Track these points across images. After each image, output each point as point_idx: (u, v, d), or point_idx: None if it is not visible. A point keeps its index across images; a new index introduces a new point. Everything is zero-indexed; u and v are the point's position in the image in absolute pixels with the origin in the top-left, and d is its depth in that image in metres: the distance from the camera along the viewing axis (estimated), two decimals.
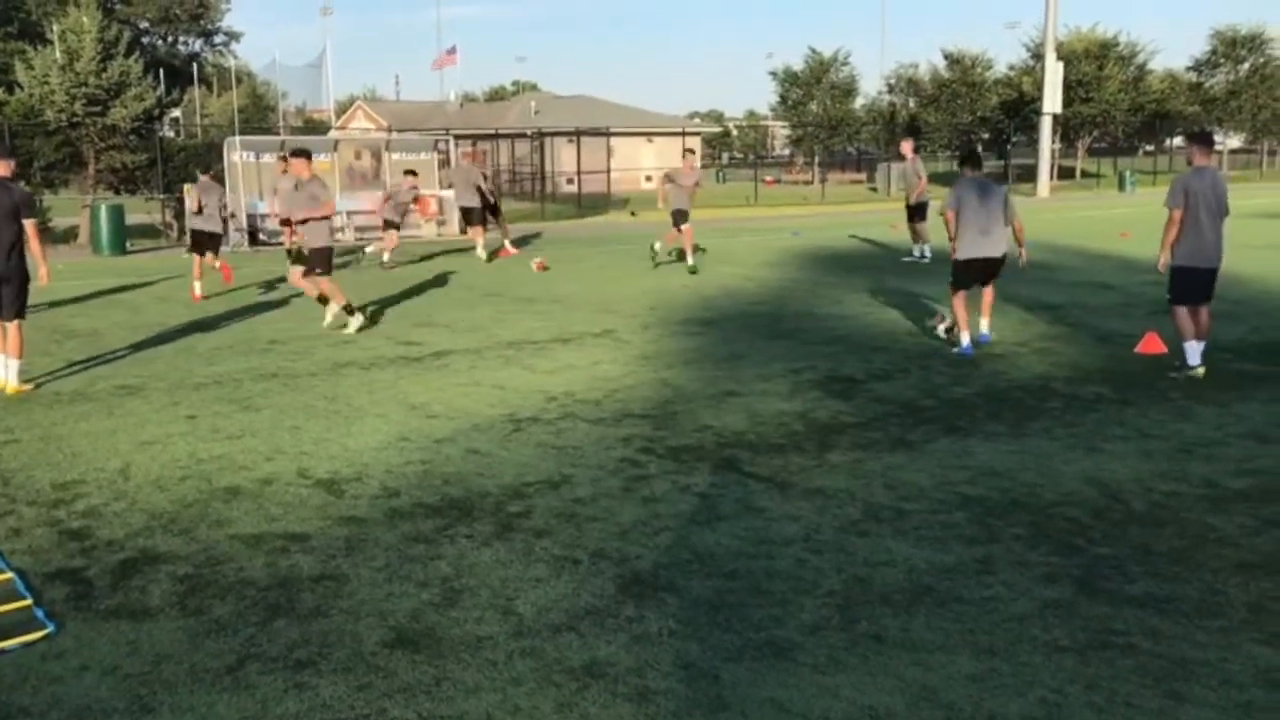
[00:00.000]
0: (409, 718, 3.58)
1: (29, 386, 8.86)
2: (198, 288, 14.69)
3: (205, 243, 15.34)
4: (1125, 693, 3.67)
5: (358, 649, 4.08)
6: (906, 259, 17.86)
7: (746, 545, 5.09)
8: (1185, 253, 8.51)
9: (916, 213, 17.91)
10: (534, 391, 8.40)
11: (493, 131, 43.92)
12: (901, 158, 20.23)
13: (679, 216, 16.88)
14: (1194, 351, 8.56)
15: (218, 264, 15.92)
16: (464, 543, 5.16)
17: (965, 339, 9.70)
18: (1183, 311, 8.58)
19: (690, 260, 16.92)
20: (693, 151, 18.20)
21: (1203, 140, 8.76)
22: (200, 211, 15.34)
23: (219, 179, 17.30)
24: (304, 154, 11.65)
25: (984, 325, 9.76)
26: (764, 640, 4.10)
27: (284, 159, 19.61)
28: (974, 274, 9.75)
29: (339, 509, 5.68)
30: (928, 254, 17.58)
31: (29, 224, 8.63)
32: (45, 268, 8.95)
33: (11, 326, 8.75)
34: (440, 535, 5.27)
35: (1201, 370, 8.53)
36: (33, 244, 8.70)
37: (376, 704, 3.67)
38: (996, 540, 5.11)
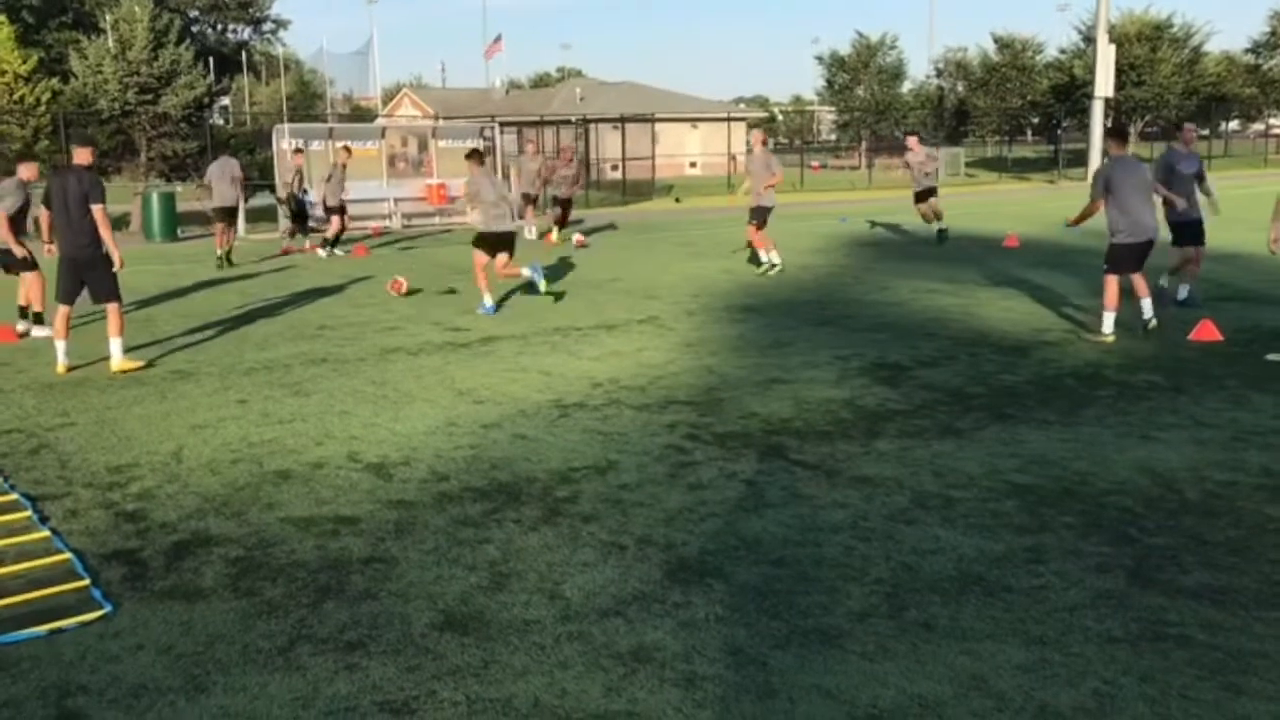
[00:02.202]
0: (458, 700, 3.61)
1: (140, 364, 9.05)
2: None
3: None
4: (1180, 685, 3.62)
5: (407, 631, 4.11)
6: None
7: (793, 532, 5.07)
8: (1125, 230, 9.44)
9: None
10: (579, 377, 8.42)
11: (538, 118, 43.98)
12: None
13: (1187, 233, 11.08)
14: (1110, 320, 9.50)
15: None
16: (512, 527, 5.19)
17: (489, 299, 11.82)
18: (1115, 281, 9.52)
19: (1170, 285, 11.48)
20: (1191, 124, 12.28)
21: (1117, 134, 9.99)
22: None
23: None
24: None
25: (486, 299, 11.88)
26: (811, 627, 4.09)
27: (346, 149, 19.84)
28: (490, 246, 11.91)
29: (388, 492, 5.73)
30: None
31: (97, 209, 8.82)
32: (117, 252, 9.12)
33: (109, 309, 9.00)
34: (488, 519, 5.30)
35: (1112, 338, 9.40)
36: (102, 229, 8.88)
37: (426, 686, 3.70)
38: (1047, 529, 5.06)
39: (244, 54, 35.68)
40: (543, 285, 12.10)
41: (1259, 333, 9.66)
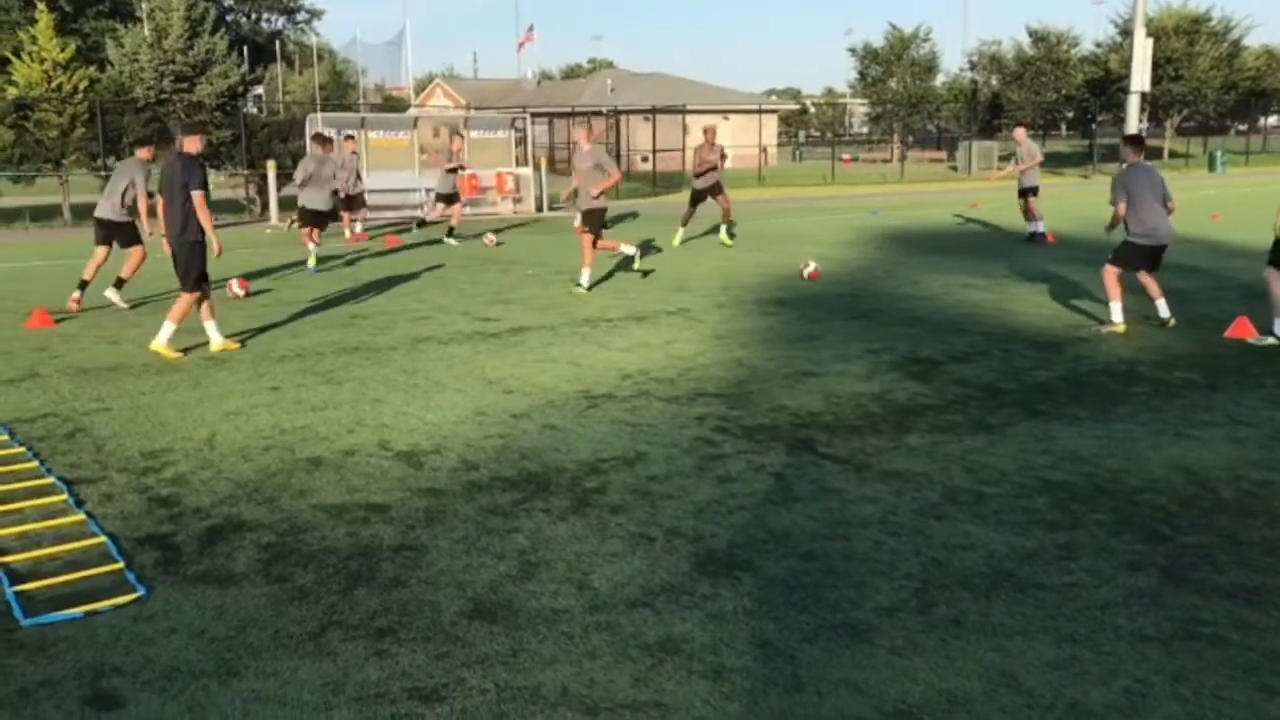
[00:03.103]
0: (486, 688, 3.62)
1: (177, 355, 9.16)
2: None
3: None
4: (1213, 685, 3.58)
5: (436, 619, 4.13)
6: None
7: (822, 526, 5.06)
8: (1139, 232, 9.66)
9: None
10: (609, 369, 8.42)
11: (569, 109, 43.99)
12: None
13: None
14: (1117, 310, 9.70)
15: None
16: (540, 517, 5.20)
17: (312, 262, 14.57)
18: (1115, 274, 9.77)
19: None
20: None
21: (1134, 142, 10.17)
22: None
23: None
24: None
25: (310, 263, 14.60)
26: (840, 621, 4.08)
27: (459, 135, 19.88)
28: (311, 217, 15.00)
29: (418, 481, 5.76)
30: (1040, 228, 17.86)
31: (196, 196, 8.98)
32: (216, 240, 9.29)
33: (183, 296, 9.21)
34: (517, 509, 5.32)
35: (1123, 327, 9.59)
36: (200, 215, 9.02)
37: (455, 673, 3.72)
38: (1079, 526, 5.02)
39: (278, 43, 35.94)
40: (311, 261, 14.83)
41: None
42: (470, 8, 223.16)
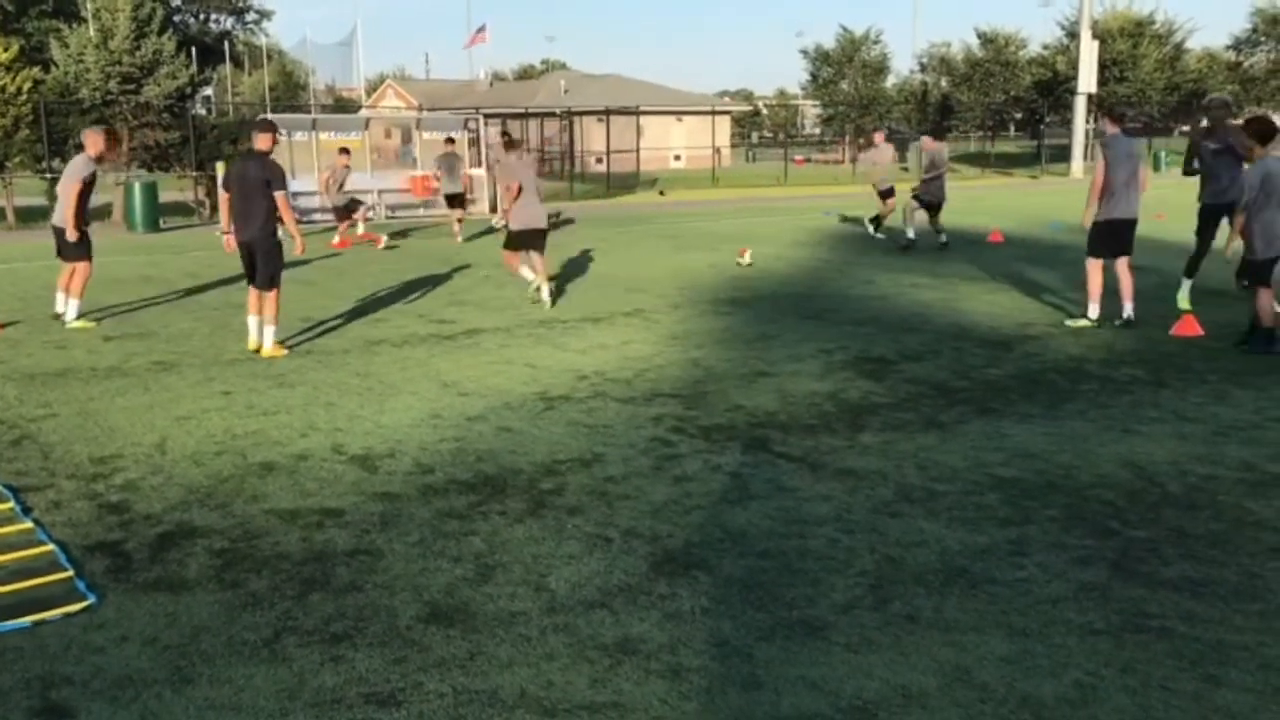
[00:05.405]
0: (444, 691, 3.61)
1: (284, 351, 9.24)
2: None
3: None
4: (1161, 676, 3.65)
5: (393, 623, 4.11)
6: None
7: (778, 525, 5.09)
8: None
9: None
10: (565, 370, 8.42)
11: (522, 110, 43.87)
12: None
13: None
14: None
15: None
16: (497, 519, 5.19)
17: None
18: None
19: None
20: None
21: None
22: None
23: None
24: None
25: None
26: (796, 619, 4.11)
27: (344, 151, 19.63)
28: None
29: (373, 485, 5.72)
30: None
31: (279, 196, 8.97)
32: (299, 239, 9.34)
33: (266, 295, 9.18)
34: (473, 511, 5.30)
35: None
36: (285, 216, 9.06)
37: (412, 678, 3.70)
38: (1030, 522, 5.09)
39: (226, 44, 35.50)
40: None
41: (1240, 328, 9.72)
42: (422, 8, 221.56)
